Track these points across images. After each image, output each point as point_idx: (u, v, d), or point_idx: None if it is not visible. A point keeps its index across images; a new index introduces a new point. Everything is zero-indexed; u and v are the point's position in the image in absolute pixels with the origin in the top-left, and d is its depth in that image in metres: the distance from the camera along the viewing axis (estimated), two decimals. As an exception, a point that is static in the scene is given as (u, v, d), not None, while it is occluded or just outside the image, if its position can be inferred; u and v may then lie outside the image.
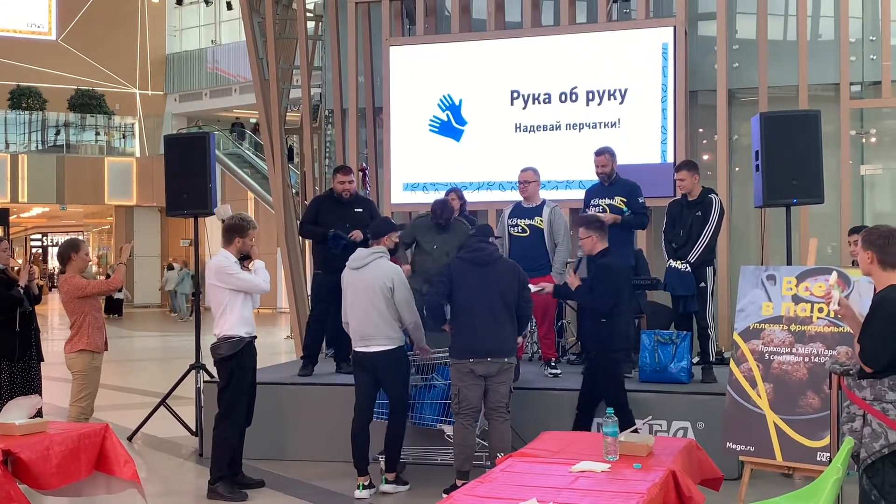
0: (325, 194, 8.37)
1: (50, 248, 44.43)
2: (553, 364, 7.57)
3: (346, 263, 6.53)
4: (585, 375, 6.64)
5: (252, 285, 6.41)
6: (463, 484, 5.44)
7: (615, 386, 6.43)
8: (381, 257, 6.46)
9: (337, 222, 7.65)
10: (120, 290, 7.36)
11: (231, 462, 6.48)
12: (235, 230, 6.47)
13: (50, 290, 32.69)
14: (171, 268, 28.85)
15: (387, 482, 6.42)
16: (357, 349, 6.43)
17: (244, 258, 6.48)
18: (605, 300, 6.34)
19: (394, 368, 6.39)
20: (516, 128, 9.82)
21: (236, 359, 6.37)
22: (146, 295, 30.56)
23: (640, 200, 7.50)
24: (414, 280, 7.20)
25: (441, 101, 10.05)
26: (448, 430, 6.60)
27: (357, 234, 7.51)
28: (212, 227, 14.20)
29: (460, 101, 9.98)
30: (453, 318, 6.23)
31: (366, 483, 6.33)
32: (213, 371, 6.84)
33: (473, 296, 6.13)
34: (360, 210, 7.78)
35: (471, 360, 6.08)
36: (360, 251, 6.55)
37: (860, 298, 5.15)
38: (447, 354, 6.44)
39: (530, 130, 9.79)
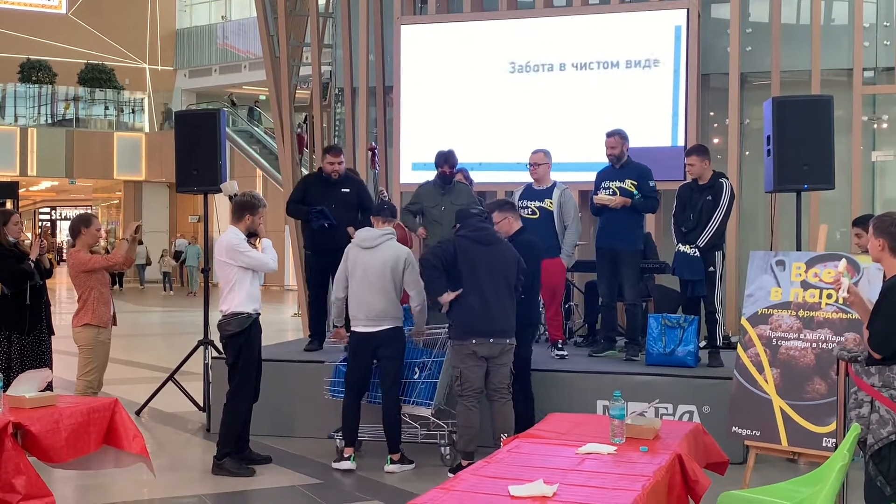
0: (314, 174, 8.44)
1: (59, 222, 44.55)
2: (560, 346, 7.58)
3: (354, 242, 6.54)
4: None
5: (262, 263, 6.42)
6: (469, 464, 5.47)
7: (528, 363, 6.66)
8: (392, 238, 6.49)
9: (324, 202, 7.68)
10: (128, 267, 7.32)
11: (238, 438, 6.51)
12: (247, 207, 6.46)
13: (58, 263, 32.80)
14: (140, 242, 29.11)
15: (392, 462, 6.45)
16: (360, 329, 6.42)
17: (251, 235, 6.48)
18: (530, 276, 6.49)
19: (396, 347, 6.44)
20: (528, 109, 9.79)
21: (245, 335, 6.39)
22: (155, 270, 30.61)
23: (651, 184, 7.47)
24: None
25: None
26: (405, 408, 6.64)
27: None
28: (220, 204, 14.22)
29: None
30: (456, 298, 6.19)
31: (347, 455, 6.44)
32: (220, 347, 6.86)
33: (479, 274, 6.12)
34: (348, 190, 7.80)
35: (473, 342, 6.09)
36: (369, 231, 6.53)
37: (869, 285, 5.15)
38: (439, 332, 6.56)
39: (542, 111, 9.76)
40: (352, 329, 6.51)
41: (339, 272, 6.55)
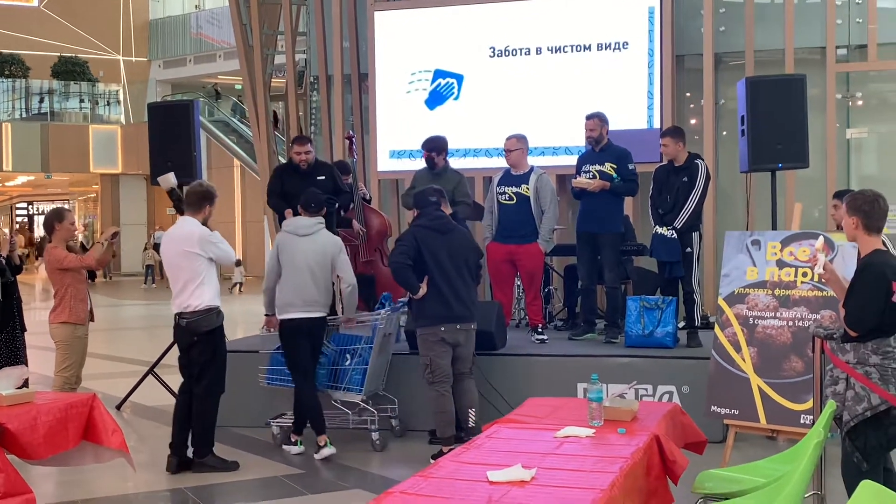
0: (285, 165, 8.37)
1: (36, 217, 44.19)
2: (540, 330, 7.60)
3: (286, 230, 6.59)
4: None
5: (230, 256, 6.39)
6: (449, 450, 5.48)
7: None
8: (323, 226, 6.64)
9: (303, 192, 7.64)
10: (101, 268, 7.24)
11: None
12: (207, 198, 6.28)
13: (37, 258, 32.58)
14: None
15: (328, 445, 6.50)
16: (297, 315, 6.43)
17: None
18: None
19: (324, 334, 6.62)
20: (504, 94, 9.77)
21: (220, 330, 6.33)
22: (133, 264, 30.45)
23: (630, 167, 7.48)
24: None
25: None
26: (336, 395, 6.73)
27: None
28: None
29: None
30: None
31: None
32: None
33: (441, 263, 6.19)
34: (323, 178, 7.75)
35: (442, 328, 6.14)
36: (303, 219, 6.61)
37: (844, 263, 5.17)
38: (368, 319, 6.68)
39: (518, 96, 9.73)
40: (286, 317, 6.48)
41: (272, 261, 6.57)
